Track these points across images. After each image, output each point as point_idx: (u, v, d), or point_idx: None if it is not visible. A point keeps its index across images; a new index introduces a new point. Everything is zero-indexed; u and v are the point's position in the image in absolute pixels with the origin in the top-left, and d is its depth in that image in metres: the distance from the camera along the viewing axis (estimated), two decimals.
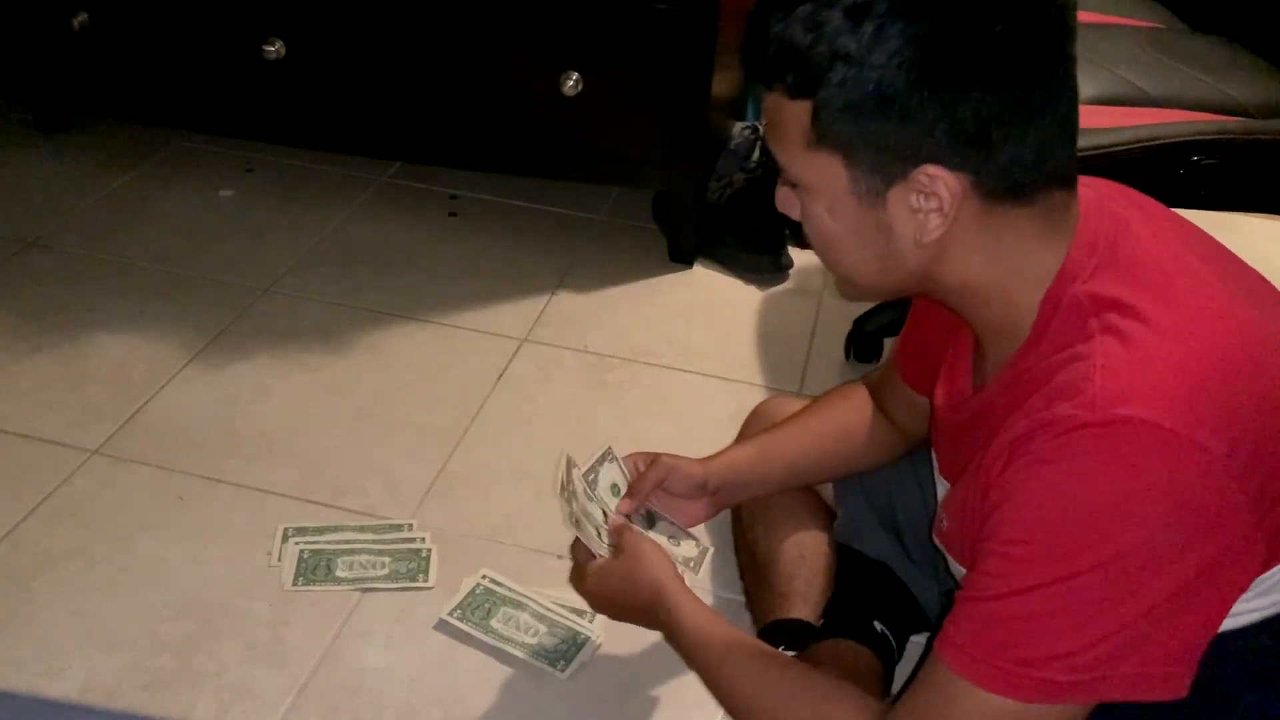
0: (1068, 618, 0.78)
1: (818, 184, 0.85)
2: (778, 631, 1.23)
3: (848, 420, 1.27)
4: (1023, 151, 0.80)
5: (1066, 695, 0.80)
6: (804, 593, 1.25)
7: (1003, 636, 0.81)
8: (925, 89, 0.77)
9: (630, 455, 1.25)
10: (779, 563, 1.28)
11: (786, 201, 0.91)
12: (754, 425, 1.39)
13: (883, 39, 0.77)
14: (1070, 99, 0.82)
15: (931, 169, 0.80)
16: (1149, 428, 0.75)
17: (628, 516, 1.20)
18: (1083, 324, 0.81)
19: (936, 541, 1.03)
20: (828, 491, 1.34)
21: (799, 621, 1.23)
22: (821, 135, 0.82)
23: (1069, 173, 0.84)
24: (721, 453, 1.29)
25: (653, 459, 1.24)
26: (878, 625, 1.23)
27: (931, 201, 0.81)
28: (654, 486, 1.21)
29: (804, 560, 1.27)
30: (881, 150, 0.81)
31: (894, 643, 1.24)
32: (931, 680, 0.86)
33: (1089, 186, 0.89)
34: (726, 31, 1.95)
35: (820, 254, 0.92)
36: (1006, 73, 0.78)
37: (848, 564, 1.28)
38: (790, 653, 1.18)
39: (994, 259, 0.85)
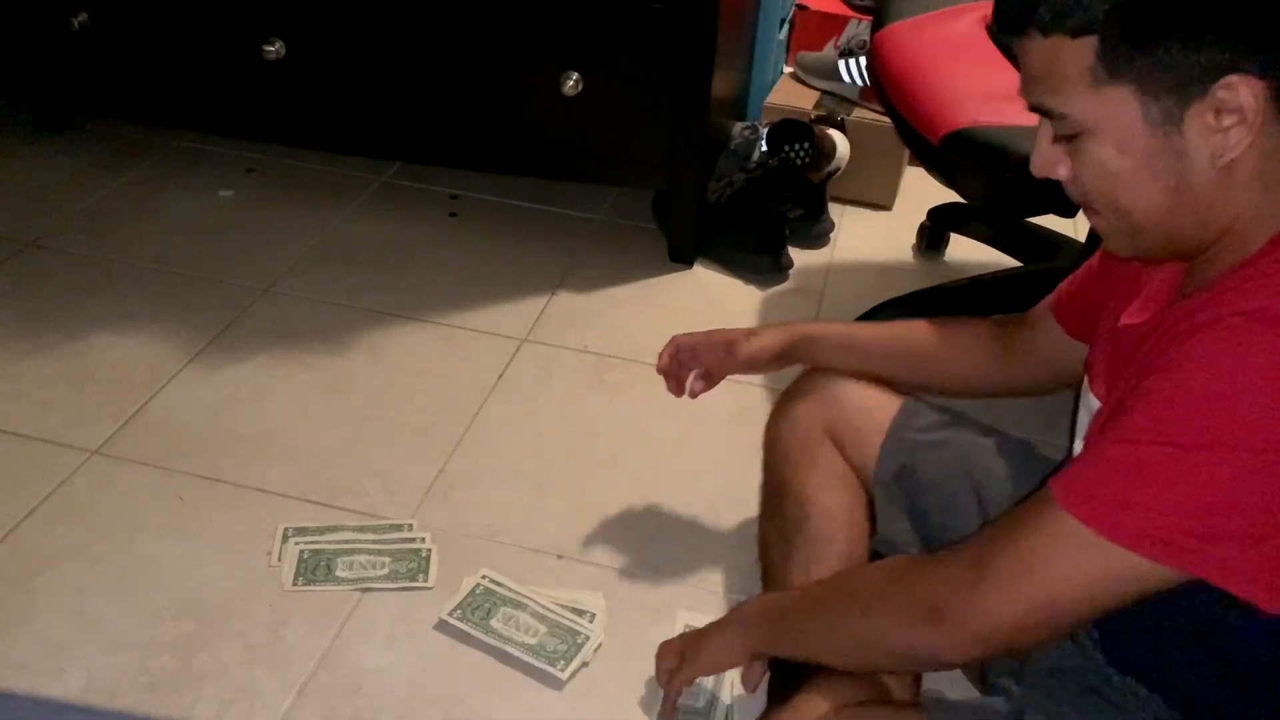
0: (1202, 484, 0.77)
1: (1107, 122, 0.82)
2: None
3: (961, 333, 1.25)
4: None
5: (1174, 558, 0.78)
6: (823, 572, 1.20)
7: (1128, 483, 0.79)
8: (1211, 2, 0.76)
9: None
10: (810, 520, 1.23)
11: (1052, 161, 0.88)
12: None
13: None
14: None
15: (1233, 78, 0.78)
16: None
17: None
18: None
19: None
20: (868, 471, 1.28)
21: None
22: (1111, 68, 0.80)
23: None
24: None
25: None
26: None
27: (1232, 116, 0.79)
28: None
29: (836, 527, 1.23)
30: (1177, 69, 0.78)
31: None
32: (1036, 517, 0.84)
33: None
34: (726, 31, 1.95)
35: (1102, 201, 0.88)
36: None
37: None
38: None
39: (1274, 186, 0.83)
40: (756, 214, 2.10)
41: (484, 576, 1.40)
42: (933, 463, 1.22)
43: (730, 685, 1.28)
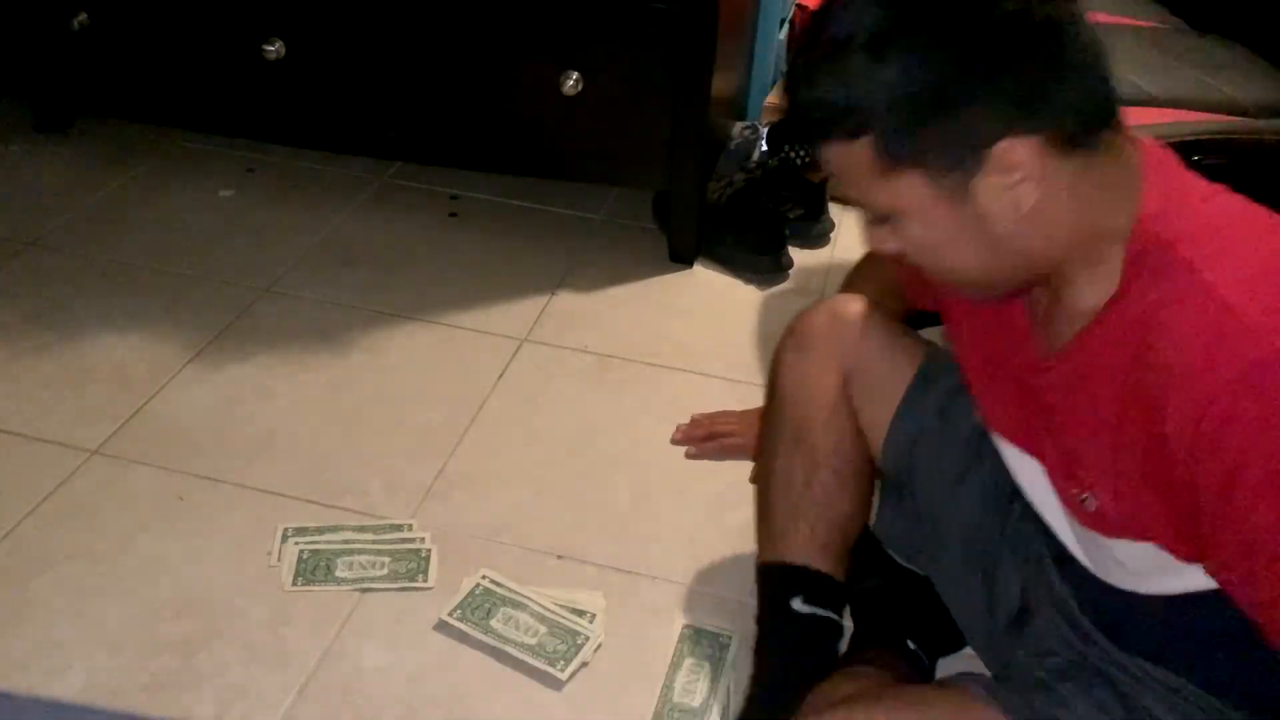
0: None
1: (905, 205, 0.88)
2: (801, 580, 1.21)
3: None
4: (1071, 98, 0.83)
5: None
6: (823, 537, 1.22)
7: None
8: (965, 79, 0.82)
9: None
10: (820, 474, 1.23)
11: (879, 239, 0.93)
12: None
13: (910, 57, 0.81)
14: (1093, 38, 0.85)
15: (1004, 143, 0.83)
16: None
17: None
18: (1176, 261, 0.84)
19: (1074, 521, 1.01)
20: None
21: (827, 579, 1.21)
22: (892, 160, 0.85)
23: (1116, 113, 0.87)
24: None
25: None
26: (911, 644, 1.24)
27: (1016, 173, 0.84)
28: None
29: (846, 495, 1.24)
30: (951, 147, 0.84)
31: (926, 661, 1.24)
32: None
33: (1138, 141, 0.91)
34: (726, 31, 1.95)
35: (934, 270, 0.94)
36: (1030, 37, 0.82)
37: (885, 571, 1.28)
38: (809, 608, 1.19)
39: (1083, 207, 0.87)
40: (756, 214, 2.10)
41: (484, 576, 1.40)
42: (932, 452, 1.22)
43: (729, 686, 1.28)
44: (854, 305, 1.25)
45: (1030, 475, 1.05)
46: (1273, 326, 0.79)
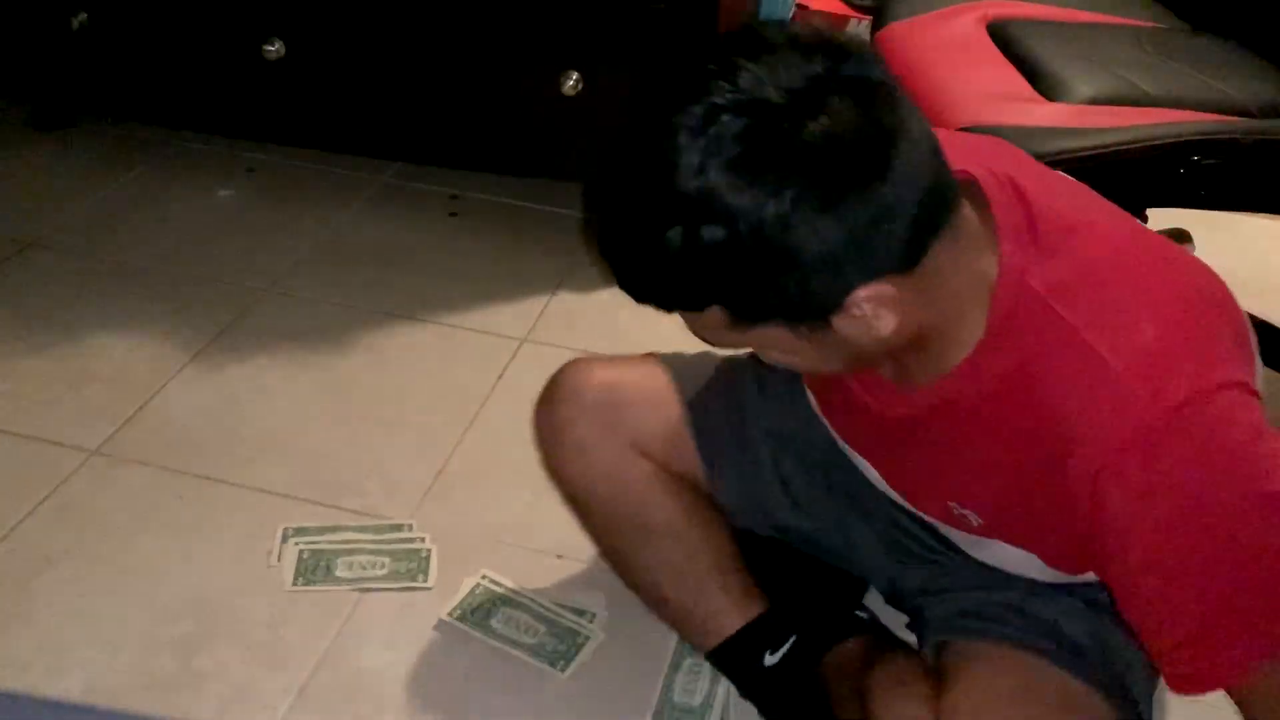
0: (1266, 576, 0.81)
1: (767, 344, 0.88)
2: (753, 639, 1.20)
3: None
4: (910, 221, 0.79)
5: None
6: (737, 587, 1.22)
7: (1227, 631, 0.83)
8: (790, 254, 0.76)
9: None
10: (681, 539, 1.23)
11: (756, 352, 0.92)
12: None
13: (726, 234, 0.75)
14: (919, 159, 0.79)
15: (858, 293, 0.80)
16: (1208, 394, 0.79)
17: None
18: (1052, 320, 0.83)
19: (950, 531, 1.04)
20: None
21: (770, 616, 1.21)
22: (747, 321, 0.83)
23: (956, 192, 0.84)
24: None
25: None
26: (862, 614, 1.25)
27: (868, 306, 0.81)
28: None
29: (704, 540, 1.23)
30: (804, 307, 0.81)
31: (873, 617, 1.26)
32: None
33: (968, 156, 0.89)
34: (726, 31, 1.94)
35: (800, 369, 0.97)
36: (853, 178, 0.76)
37: (780, 559, 1.27)
38: (777, 655, 1.18)
39: (942, 295, 0.85)
40: None
41: (484, 576, 1.40)
42: (737, 441, 1.24)
43: (728, 687, 1.28)
44: (584, 378, 1.23)
45: (869, 473, 1.10)
46: (1153, 389, 0.80)
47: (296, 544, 1.43)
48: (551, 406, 1.24)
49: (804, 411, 1.18)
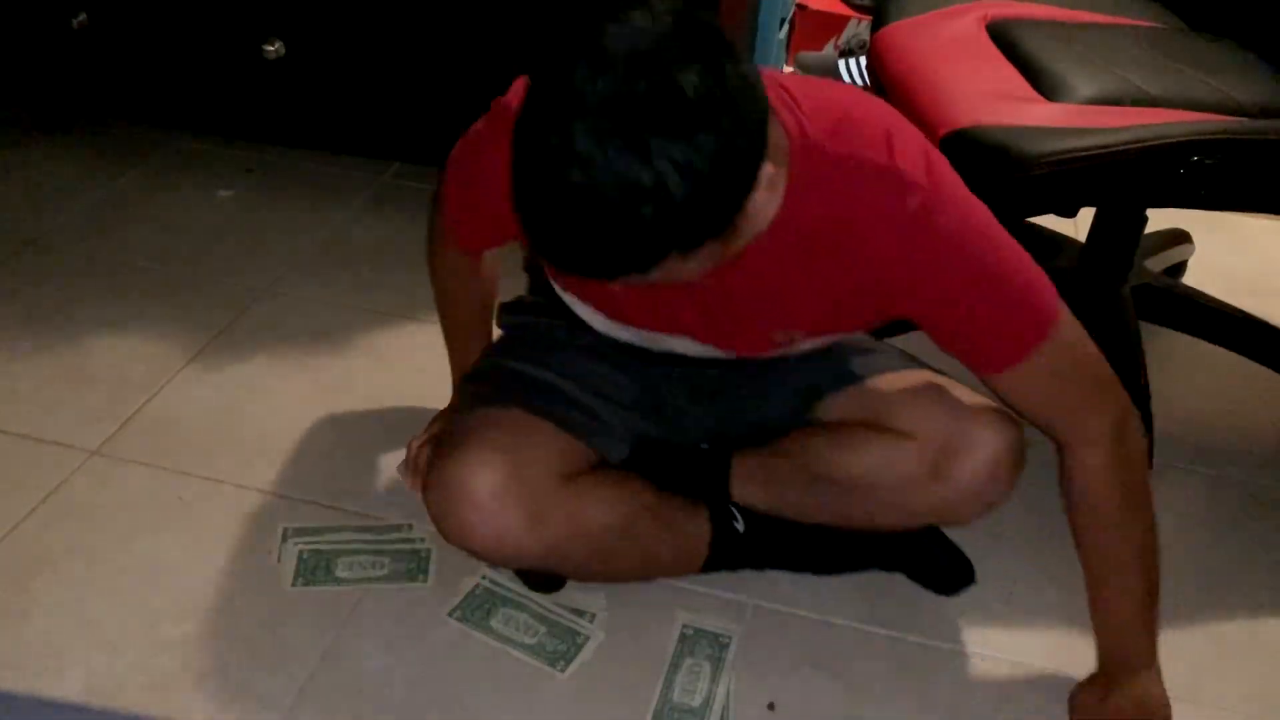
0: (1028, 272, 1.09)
1: (694, 264, 0.95)
2: (722, 525, 1.39)
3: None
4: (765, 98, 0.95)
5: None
6: (683, 516, 1.39)
7: (1021, 310, 1.08)
8: (733, 175, 0.90)
9: None
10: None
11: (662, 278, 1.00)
12: None
13: (690, 174, 0.86)
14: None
15: (761, 176, 0.93)
16: (943, 165, 1.08)
17: None
18: (834, 154, 1.03)
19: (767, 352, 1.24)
20: None
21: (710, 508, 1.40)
22: (692, 251, 0.93)
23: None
24: None
25: None
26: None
27: (762, 192, 0.95)
28: None
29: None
30: (735, 207, 0.93)
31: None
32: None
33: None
34: (727, 31, 1.94)
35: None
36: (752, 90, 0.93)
37: (663, 459, 1.39)
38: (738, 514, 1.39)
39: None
40: None
41: (484, 576, 1.40)
42: (578, 406, 1.33)
43: (728, 687, 1.28)
44: (472, 483, 1.22)
45: (676, 344, 1.26)
46: (918, 170, 1.04)
47: (296, 544, 1.43)
48: (468, 531, 1.25)
49: (579, 342, 1.35)
